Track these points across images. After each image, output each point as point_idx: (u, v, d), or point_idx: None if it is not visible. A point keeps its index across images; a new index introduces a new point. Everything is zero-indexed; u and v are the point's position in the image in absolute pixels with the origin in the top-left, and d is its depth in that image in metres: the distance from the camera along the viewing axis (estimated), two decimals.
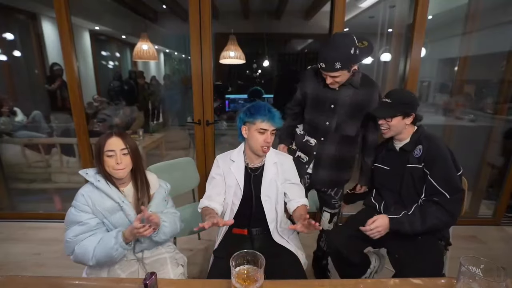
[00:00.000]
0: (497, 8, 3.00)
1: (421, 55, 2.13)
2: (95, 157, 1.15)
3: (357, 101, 1.46)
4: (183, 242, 2.13)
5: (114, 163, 1.14)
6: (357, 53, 1.34)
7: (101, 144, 1.14)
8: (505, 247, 2.29)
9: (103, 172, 1.15)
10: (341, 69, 1.32)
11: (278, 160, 1.37)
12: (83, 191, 1.15)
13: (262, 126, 1.25)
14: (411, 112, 1.33)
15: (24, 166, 2.80)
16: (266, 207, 1.33)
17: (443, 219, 1.25)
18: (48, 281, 0.96)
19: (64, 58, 2.16)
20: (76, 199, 1.14)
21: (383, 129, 1.38)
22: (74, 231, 1.11)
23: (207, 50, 2.15)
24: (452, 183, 1.26)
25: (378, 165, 1.50)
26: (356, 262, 1.43)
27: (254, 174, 1.35)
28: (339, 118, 1.49)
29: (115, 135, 1.15)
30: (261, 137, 1.26)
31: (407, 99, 1.35)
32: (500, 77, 2.71)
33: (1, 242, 2.29)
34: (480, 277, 0.76)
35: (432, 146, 1.30)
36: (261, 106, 1.27)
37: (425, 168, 1.30)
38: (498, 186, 2.60)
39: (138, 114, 3.98)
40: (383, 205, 1.47)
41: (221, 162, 1.38)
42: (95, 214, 1.14)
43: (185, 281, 1.13)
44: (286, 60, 5.30)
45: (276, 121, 1.26)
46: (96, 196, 1.14)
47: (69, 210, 1.14)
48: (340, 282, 0.99)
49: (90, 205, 1.13)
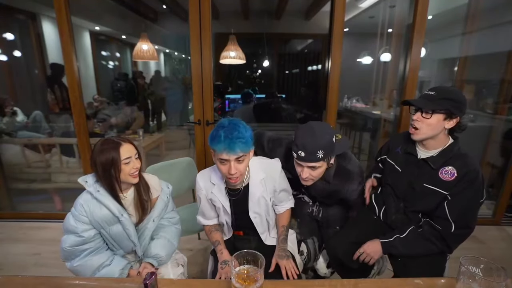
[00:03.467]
0: (497, 8, 3.00)
1: (421, 55, 2.13)
2: (102, 169, 1.10)
3: (330, 190, 1.34)
4: (183, 242, 2.12)
5: (131, 169, 1.13)
6: (335, 144, 1.20)
7: (114, 155, 1.09)
8: (505, 247, 2.28)
9: (116, 181, 1.12)
10: (323, 158, 1.15)
11: (265, 176, 1.24)
12: (82, 200, 1.13)
13: (220, 157, 1.06)
14: (457, 114, 1.09)
15: (24, 166, 2.80)
16: (256, 222, 1.27)
17: (438, 250, 1.16)
18: (48, 281, 0.95)
19: (64, 58, 2.16)
20: (75, 208, 1.13)
21: (415, 127, 1.15)
22: (70, 241, 1.11)
23: (207, 50, 2.15)
24: (466, 219, 1.11)
25: (390, 161, 1.33)
26: (358, 268, 1.34)
27: (233, 198, 1.23)
28: (318, 201, 1.44)
29: (125, 143, 1.14)
30: (223, 168, 1.09)
31: (456, 96, 1.10)
32: (500, 77, 2.71)
33: (1, 242, 2.29)
34: (480, 277, 0.76)
35: (470, 174, 1.08)
36: (218, 133, 1.04)
37: (449, 194, 1.12)
38: (498, 186, 2.60)
39: (138, 114, 3.98)
40: (383, 211, 1.38)
41: (202, 184, 1.26)
42: (92, 224, 1.14)
43: (185, 281, 1.13)
44: (286, 60, 5.30)
45: (238, 149, 1.03)
46: (95, 206, 1.13)
47: (68, 216, 1.14)
48: (340, 282, 0.99)
49: (88, 215, 1.12)
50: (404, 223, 1.29)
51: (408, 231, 1.21)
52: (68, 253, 1.12)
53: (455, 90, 1.15)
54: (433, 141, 1.16)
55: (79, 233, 1.11)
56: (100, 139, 1.16)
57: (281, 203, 1.34)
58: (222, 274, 1.17)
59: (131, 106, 3.96)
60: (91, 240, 1.14)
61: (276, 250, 1.26)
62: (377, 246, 1.23)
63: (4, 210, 2.69)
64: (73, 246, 1.11)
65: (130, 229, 1.18)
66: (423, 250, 1.18)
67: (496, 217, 2.58)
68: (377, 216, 1.41)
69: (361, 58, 4.69)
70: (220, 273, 1.18)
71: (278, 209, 1.35)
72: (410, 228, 1.22)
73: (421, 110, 1.13)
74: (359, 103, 4.64)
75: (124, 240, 1.20)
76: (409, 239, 1.19)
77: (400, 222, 1.30)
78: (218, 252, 1.25)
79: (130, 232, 1.18)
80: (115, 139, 1.14)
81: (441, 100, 1.09)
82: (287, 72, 5.33)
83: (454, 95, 1.11)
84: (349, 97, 4.76)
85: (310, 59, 5.32)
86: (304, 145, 1.14)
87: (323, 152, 1.14)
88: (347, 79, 2.38)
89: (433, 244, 1.17)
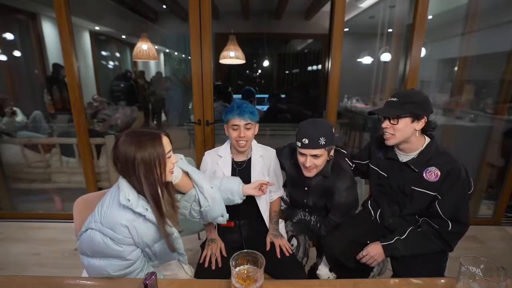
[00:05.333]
0: (497, 8, 3.00)
1: (421, 55, 2.13)
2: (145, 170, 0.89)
3: (324, 186, 1.42)
4: (183, 242, 2.12)
5: (171, 164, 0.96)
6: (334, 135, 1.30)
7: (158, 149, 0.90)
8: (505, 247, 2.29)
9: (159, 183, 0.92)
10: (325, 146, 1.24)
11: (263, 154, 1.47)
12: (125, 221, 0.90)
13: (233, 123, 1.32)
14: (423, 114, 1.13)
15: (24, 166, 2.80)
16: (258, 198, 1.39)
17: (439, 248, 1.17)
18: (48, 281, 0.95)
19: (64, 58, 2.16)
20: (114, 229, 0.90)
21: (387, 134, 1.19)
22: (115, 267, 0.93)
23: (207, 50, 2.15)
24: (460, 217, 1.12)
25: (374, 167, 1.36)
26: (357, 268, 1.35)
27: (239, 168, 1.43)
28: (314, 198, 1.47)
29: (162, 133, 0.95)
30: (234, 133, 1.33)
31: (417, 98, 1.14)
32: (500, 77, 2.71)
33: (1, 242, 2.29)
34: (480, 277, 0.76)
35: (453, 172, 1.11)
36: (232, 105, 1.33)
37: (438, 193, 1.15)
38: (498, 186, 2.60)
39: (138, 114, 3.98)
40: (379, 214, 1.38)
41: (208, 158, 1.45)
42: (137, 245, 0.96)
43: (185, 281, 1.13)
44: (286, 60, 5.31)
45: (247, 115, 1.31)
46: (142, 226, 0.94)
47: (99, 239, 0.90)
48: (340, 282, 0.99)
49: (134, 237, 0.93)
50: (402, 225, 1.29)
51: (407, 232, 1.21)
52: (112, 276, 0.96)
53: (415, 93, 1.19)
54: (408, 144, 1.19)
55: (125, 257, 0.93)
56: (124, 132, 0.92)
57: (273, 189, 1.50)
58: (208, 250, 1.28)
59: (131, 106, 3.96)
60: (138, 260, 0.98)
61: (269, 230, 1.39)
62: (380, 249, 1.23)
63: (4, 210, 2.69)
64: (120, 271, 0.95)
65: (180, 243, 1.06)
66: (425, 250, 1.18)
67: (496, 217, 2.58)
68: (374, 219, 1.41)
69: (361, 58, 4.69)
70: (207, 249, 1.29)
71: (271, 196, 1.51)
72: (409, 229, 1.22)
73: (388, 118, 1.17)
74: (359, 103, 4.64)
75: (169, 254, 1.07)
76: (409, 240, 1.19)
77: (398, 225, 1.30)
78: (207, 231, 1.38)
79: (180, 246, 1.07)
80: (147, 130, 0.93)
81: (403, 105, 1.13)
82: (287, 72, 5.33)
83: (415, 97, 1.15)
84: (349, 97, 4.76)
85: (310, 59, 5.32)
86: (308, 133, 1.25)
87: (325, 139, 1.24)
88: (347, 79, 2.38)
89: (434, 243, 1.17)
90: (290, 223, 1.53)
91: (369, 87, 4.66)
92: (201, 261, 1.26)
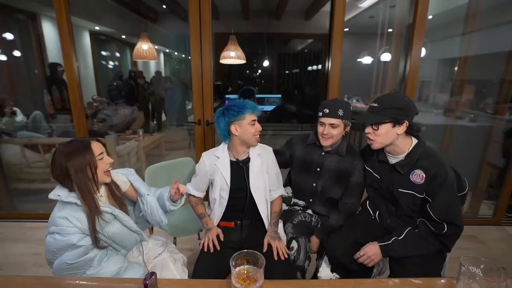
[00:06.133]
0: (497, 8, 3.00)
1: (421, 55, 2.13)
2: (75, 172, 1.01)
3: (341, 168, 1.47)
4: (183, 242, 2.13)
5: (105, 165, 1.08)
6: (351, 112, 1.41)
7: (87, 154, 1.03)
8: (505, 247, 2.28)
9: (93, 182, 1.05)
10: (342, 117, 1.36)
11: (261, 152, 1.45)
12: (63, 214, 1.02)
13: (252, 118, 1.33)
14: (403, 119, 1.13)
15: (24, 166, 2.80)
16: (257, 198, 1.38)
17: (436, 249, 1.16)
18: (48, 281, 0.96)
19: (64, 58, 2.16)
20: (56, 224, 1.01)
21: (369, 139, 1.22)
22: (70, 256, 1.02)
23: (207, 50, 2.15)
24: (453, 219, 1.11)
25: (369, 168, 1.39)
26: (359, 270, 1.34)
27: (238, 168, 1.40)
28: (325, 182, 1.50)
29: (92, 140, 1.09)
30: (253, 128, 1.34)
31: (398, 103, 1.14)
32: (500, 77, 2.71)
33: (1, 242, 2.29)
34: (480, 277, 0.76)
35: (439, 175, 1.10)
36: (245, 103, 1.33)
37: (426, 196, 1.15)
38: (498, 186, 2.60)
39: (138, 114, 3.98)
40: (378, 214, 1.39)
41: (206, 159, 1.43)
42: (85, 233, 1.05)
43: (185, 281, 1.13)
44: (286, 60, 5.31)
45: (259, 109, 1.36)
46: (81, 214, 1.04)
47: (50, 239, 1.02)
48: (340, 282, 0.99)
49: (76, 225, 1.02)
50: (399, 226, 1.28)
51: (405, 232, 1.21)
52: (76, 267, 1.04)
53: (398, 97, 1.18)
54: (394, 147, 1.20)
55: (75, 243, 1.02)
56: (59, 144, 1.06)
57: (273, 188, 1.48)
58: (206, 238, 1.30)
59: (131, 106, 3.97)
60: (93, 248, 1.07)
61: (268, 231, 1.37)
62: (377, 249, 1.23)
63: (4, 210, 2.69)
64: (77, 259, 1.03)
65: (128, 220, 1.14)
66: (422, 250, 1.18)
67: (496, 217, 2.58)
68: (373, 219, 1.42)
69: (361, 58, 4.69)
70: (205, 237, 1.31)
71: (272, 195, 1.48)
72: (407, 230, 1.22)
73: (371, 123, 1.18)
74: (359, 103, 4.64)
75: (126, 236, 1.16)
76: (407, 240, 1.19)
77: (396, 226, 1.30)
78: (204, 224, 1.39)
79: (130, 223, 1.15)
80: (79, 139, 1.08)
81: (384, 111, 1.13)
82: (287, 72, 5.33)
83: (397, 102, 1.14)
84: (349, 97, 4.76)
85: (310, 59, 5.32)
86: (329, 104, 1.39)
87: (343, 111, 1.36)
88: (347, 79, 2.38)
89: (431, 244, 1.17)
90: (290, 225, 1.51)
91: (369, 87, 4.67)
92: (201, 247, 1.29)
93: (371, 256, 1.23)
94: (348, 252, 1.29)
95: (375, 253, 1.22)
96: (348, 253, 1.29)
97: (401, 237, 1.20)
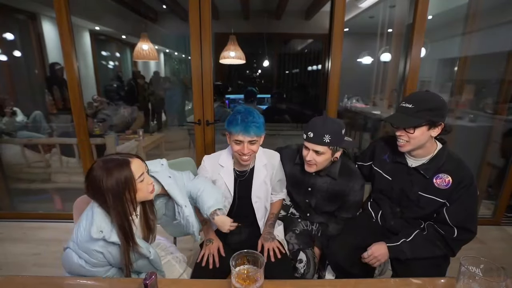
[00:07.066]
0: (497, 8, 3.00)
1: (421, 55, 2.13)
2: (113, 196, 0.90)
3: (334, 190, 1.37)
4: (183, 242, 2.12)
5: (148, 186, 0.97)
6: (344, 138, 1.25)
7: (126, 174, 0.91)
8: (505, 247, 2.28)
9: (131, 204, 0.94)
10: (328, 144, 1.20)
11: (268, 162, 1.36)
12: (99, 248, 0.93)
13: (236, 138, 1.19)
14: (440, 121, 1.05)
15: (24, 166, 2.80)
16: (256, 207, 1.36)
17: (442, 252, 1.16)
18: (48, 281, 0.95)
19: (64, 58, 2.16)
20: (90, 256, 0.93)
21: (401, 141, 1.12)
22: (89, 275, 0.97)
23: (207, 50, 2.15)
24: (467, 224, 1.09)
25: (377, 169, 1.33)
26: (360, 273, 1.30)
27: (241, 179, 1.34)
28: (317, 200, 1.42)
29: (132, 158, 0.96)
30: (236, 147, 1.21)
31: (434, 103, 1.05)
32: (500, 77, 2.71)
33: (1, 242, 2.29)
34: (480, 277, 0.76)
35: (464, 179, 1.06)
36: (236, 118, 1.18)
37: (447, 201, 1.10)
38: (498, 186, 2.60)
39: (138, 114, 3.98)
40: (380, 215, 1.36)
41: (208, 166, 1.35)
42: (114, 266, 1.01)
43: (185, 281, 1.13)
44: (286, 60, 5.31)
45: (252, 132, 1.16)
46: (116, 251, 0.96)
47: (79, 264, 0.94)
48: (340, 282, 0.99)
49: (110, 260, 0.97)
50: (404, 227, 1.28)
51: (414, 234, 1.20)
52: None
53: (432, 97, 1.09)
54: (422, 150, 1.14)
55: (102, 276, 0.99)
56: (95, 161, 0.93)
57: (275, 192, 1.46)
58: (206, 250, 1.26)
59: (131, 106, 3.97)
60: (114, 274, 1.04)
61: (262, 233, 1.36)
62: (384, 249, 1.21)
63: (4, 210, 2.69)
64: None
65: (158, 262, 1.09)
66: (429, 253, 1.17)
67: (496, 217, 2.58)
68: (375, 220, 1.40)
69: (361, 58, 4.69)
70: (205, 249, 1.27)
71: (272, 198, 1.46)
72: (416, 232, 1.20)
73: None
74: (359, 103, 4.64)
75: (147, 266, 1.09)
76: (416, 242, 1.17)
77: (400, 227, 1.29)
78: (204, 232, 1.35)
79: (157, 262, 1.08)
80: (118, 156, 0.95)
81: (419, 113, 1.05)
82: (287, 72, 5.33)
83: (433, 103, 1.06)
84: (349, 97, 4.76)
85: (310, 59, 5.32)
86: (315, 127, 1.21)
87: (330, 137, 1.19)
88: (347, 79, 2.38)
89: (438, 247, 1.16)
90: (293, 235, 1.46)
91: (369, 87, 4.67)
92: (198, 260, 1.25)
93: (377, 257, 1.21)
94: (349, 256, 1.28)
95: (382, 254, 1.21)
96: (349, 257, 1.28)
97: (409, 239, 1.19)
